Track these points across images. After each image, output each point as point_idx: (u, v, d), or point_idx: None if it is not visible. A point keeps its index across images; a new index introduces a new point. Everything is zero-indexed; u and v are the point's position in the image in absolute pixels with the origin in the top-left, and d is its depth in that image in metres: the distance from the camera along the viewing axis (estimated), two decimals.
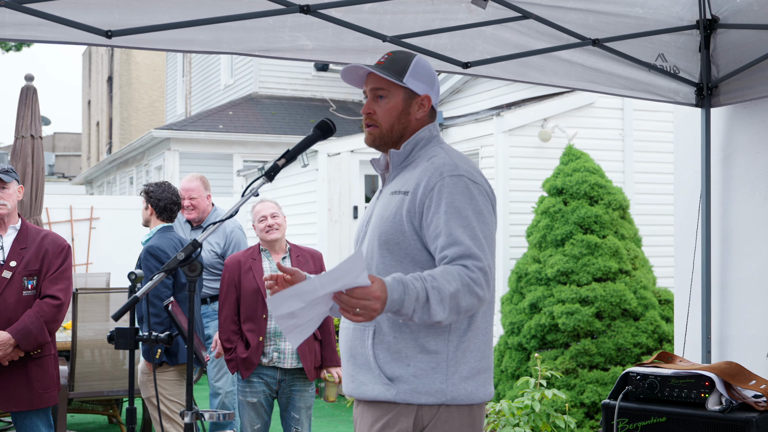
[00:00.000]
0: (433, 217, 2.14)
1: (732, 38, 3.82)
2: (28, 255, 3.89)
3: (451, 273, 2.03)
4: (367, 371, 2.19)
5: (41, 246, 3.91)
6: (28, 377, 3.86)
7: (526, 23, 3.54)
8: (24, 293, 3.85)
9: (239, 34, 3.23)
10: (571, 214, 6.16)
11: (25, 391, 3.84)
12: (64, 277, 3.94)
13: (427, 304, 1.99)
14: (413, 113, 2.28)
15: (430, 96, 2.29)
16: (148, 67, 26.60)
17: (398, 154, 2.30)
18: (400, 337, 2.16)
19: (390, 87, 2.27)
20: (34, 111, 6.90)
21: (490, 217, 2.18)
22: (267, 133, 13.83)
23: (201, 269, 2.22)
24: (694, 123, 4.20)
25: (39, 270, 3.89)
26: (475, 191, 2.17)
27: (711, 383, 3.03)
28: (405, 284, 1.97)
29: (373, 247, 2.23)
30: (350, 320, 1.93)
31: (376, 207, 2.32)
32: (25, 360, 3.86)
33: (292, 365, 4.25)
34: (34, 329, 3.80)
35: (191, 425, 2.30)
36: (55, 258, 3.92)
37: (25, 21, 2.87)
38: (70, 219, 10.58)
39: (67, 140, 37.99)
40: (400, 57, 2.30)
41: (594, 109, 7.64)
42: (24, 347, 3.81)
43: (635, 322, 6.01)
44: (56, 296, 3.88)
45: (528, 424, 4.89)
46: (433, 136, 2.32)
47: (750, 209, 3.99)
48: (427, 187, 2.17)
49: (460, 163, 2.22)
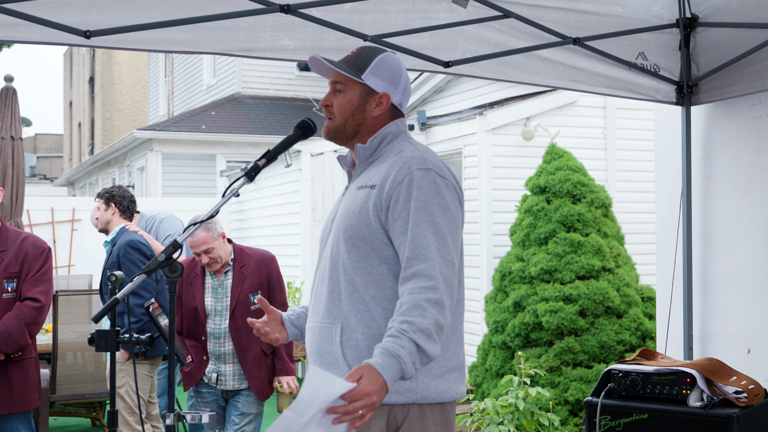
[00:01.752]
0: (401, 212, 2.12)
1: (712, 37, 3.85)
2: (7, 257, 3.85)
3: (419, 306, 2.03)
4: (336, 369, 2.16)
5: (21, 248, 3.88)
6: (8, 380, 3.82)
7: (507, 22, 3.55)
8: (4, 296, 3.82)
9: (219, 33, 3.21)
10: (554, 213, 6.18)
11: (5, 394, 3.80)
12: (44, 279, 3.91)
13: (420, 351, 2.00)
14: (369, 110, 2.27)
15: (389, 94, 2.27)
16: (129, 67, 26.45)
17: (364, 149, 2.28)
18: (368, 333, 2.15)
19: (348, 82, 2.26)
20: (14, 112, 6.86)
21: (456, 212, 2.17)
22: (250, 134, 13.79)
23: (182, 270, 2.21)
24: (674, 121, 4.23)
25: (19, 272, 3.86)
26: (442, 186, 2.16)
27: (692, 380, 3.05)
28: (394, 354, 1.97)
29: (338, 243, 2.21)
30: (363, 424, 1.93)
31: (341, 203, 2.30)
32: (6, 363, 3.82)
33: (234, 387, 4.07)
34: (15, 332, 3.77)
35: (173, 427, 2.29)
36: (35, 260, 3.89)
37: (3, 21, 2.84)
38: (51, 221, 10.50)
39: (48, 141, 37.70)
40: (366, 52, 2.29)
41: (576, 107, 7.67)
42: (4, 350, 3.77)
43: (618, 320, 6.04)
44: (37, 299, 3.85)
45: (512, 422, 4.90)
46: (400, 131, 2.31)
47: (730, 206, 4.02)
48: (395, 181, 2.15)
49: (429, 157, 2.20)
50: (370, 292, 2.16)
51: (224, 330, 4.02)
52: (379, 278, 2.15)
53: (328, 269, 2.23)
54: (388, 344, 1.99)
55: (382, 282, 2.15)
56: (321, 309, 2.23)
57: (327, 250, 2.26)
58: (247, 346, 4.01)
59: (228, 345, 4.03)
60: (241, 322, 3.98)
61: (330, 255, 2.23)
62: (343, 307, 2.18)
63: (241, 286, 4.02)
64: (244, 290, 4.02)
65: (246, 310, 4.00)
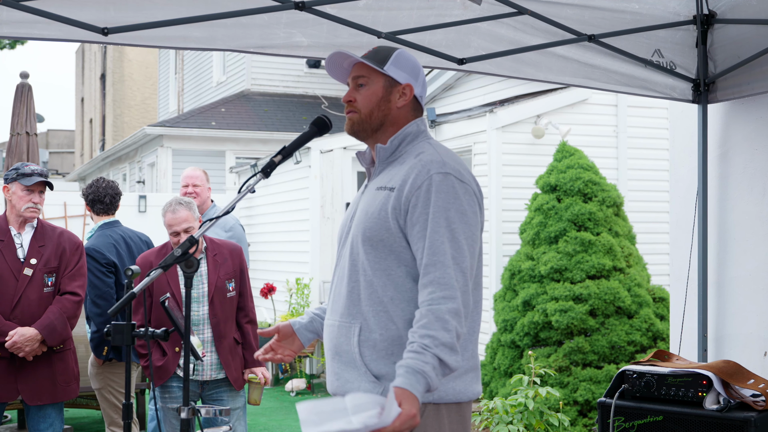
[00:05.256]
0: (419, 217, 2.13)
1: (729, 33, 3.81)
2: (47, 253, 4.00)
3: (440, 318, 2.06)
4: (353, 369, 2.17)
5: (59, 244, 4.04)
6: (52, 371, 3.99)
7: (521, 19, 3.53)
8: (45, 290, 3.98)
9: (234, 30, 3.21)
10: (564, 211, 6.15)
11: (49, 385, 3.97)
12: (80, 273, 4.10)
13: (443, 365, 2.04)
14: (394, 101, 2.27)
15: (412, 85, 2.27)
16: (140, 64, 26.53)
17: (385, 149, 2.27)
18: (386, 334, 2.15)
19: (371, 74, 2.27)
20: (29, 108, 6.92)
21: (474, 218, 2.17)
22: (259, 130, 13.81)
23: (197, 265, 2.20)
24: (690, 119, 4.19)
25: (57, 267, 4.02)
26: (460, 191, 2.15)
27: (709, 382, 3.02)
28: (419, 371, 2.01)
29: (357, 244, 2.21)
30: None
31: (360, 202, 2.29)
32: (49, 355, 3.99)
33: (212, 377, 3.98)
34: (59, 325, 3.95)
35: (188, 421, 2.29)
36: (72, 255, 4.07)
37: (22, 18, 2.86)
38: (64, 215, 10.55)
39: (60, 137, 37.87)
40: (384, 48, 2.32)
41: (588, 105, 7.64)
42: (49, 343, 3.94)
43: (629, 320, 6.01)
44: (76, 293, 4.05)
45: (521, 422, 4.88)
46: (420, 131, 2.30)
47: (747, 206, 3.98)
48: (414, 185, 2.15)
49: (448, 161, 2.20)
50: (389, 293, 2.16)
51: (203, 316, 3.97)
52: (398, 280, 2.16)
53: (347, 269, 2.23)
54: (412, 362, 2.02)
55: (401, 284, 2.16)
56: (340, 308, 2.23)
57: (346, 250, 2.27)
58: (224, 333, 3.99)
59: (207, 331, 3.96)
60: (219, 308, 3.97)
61: (349, 255, 2.24)
62: (362, 308, 2.18)
63: (217, 272, 4.00)
64: (221, 276, 4.01)
65: (223, 297, 3.99)
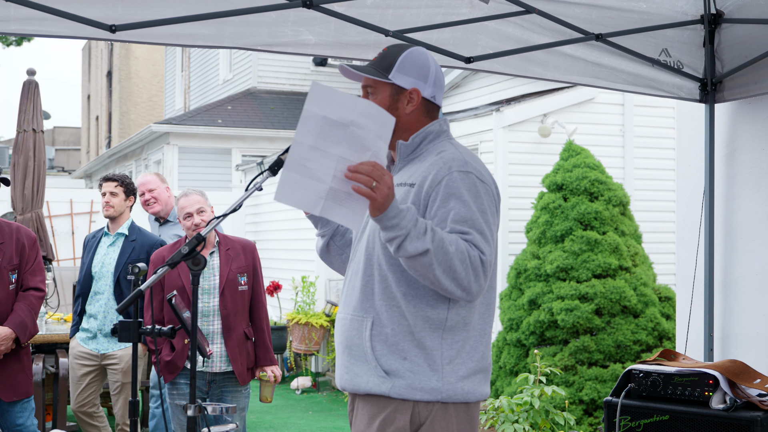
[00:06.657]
0: (438, 210, 2.14)
1: (737, 33, 3.80)
2: (8, 250, 3.97)
3: (457, 241, 2.07)
4: (363, 363, 2.19)
5: (18, 240, 4.01)
6: (22, 366, 3.99)
7: (529, 18, 3.53)
8: (10, 287, 3.96)
9: (242, 28, 3.22)
10: (570, 210, 6.15)
11: (23, 379, 3.98)
12: (40, 268, 4.09)
13: (443, 250, 2.04)
14: (402, 108, 2.28)
15: (418, 89, 2.27)
16: (146, 61, 26.57)
17: (406, 146, 2.30)
18: (398, 329, 2.17)
19: (377, 84, 2.29)
20: (36, 105, 6.92)
21: (493, 218, 2.19)
22: (265, 128, 13.81)
23: (204, 263, 2.21)
24: (697, 119, 4.19)
25: (19, 264, 4.00)
26: (481, 190, 2.18)
27: (715, 381, 3.01)
28: (422, 222, 2.05)
29: (374, 239, 2.24)
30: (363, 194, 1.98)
31: None
32: (17, 350, 3.97)
33: (222, 369, 3.99)
34: (29, 322, 3.96)
35: (194, 418, 2.30)
36: (31, 251, 4.05)
37: (30, 15, 2.88)
38: (70, 212, 10.59)
39: (66, 134, 37.97)
40: (391, 52, 2.31)
41: (594, 104, 7.63)
42: (23, 340, 3.93)
43: (635, 319, 6.00)
44: (39, 288, 4.05)
45: (527, 421, 4.89)
46: (442, 130, 2.33)
47: (754, 206, 3.98)
48: (434, 181, 2.17)
49: (470, 160, 2.22)
50: (402, 289, 2.17)
51: (213, 308, 4.00)
52: (413, 277, 2.17)
53: (362, 263, 2.25)
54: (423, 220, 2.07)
55: (415, 280, 2.17)
56: (353, 301, 2.25)
57: (362, 244, 2.29)
58: (233, 325, 4.01)
59: (216, 323, 3.99)
60: (230, 300, 4.00)
61: (365, 249, 2.26)
62: (376, 302, 2.20)
63: (229, 266, 4.03)
64: (233, 270, 4.04)
65: (234, 290, 4.02)
